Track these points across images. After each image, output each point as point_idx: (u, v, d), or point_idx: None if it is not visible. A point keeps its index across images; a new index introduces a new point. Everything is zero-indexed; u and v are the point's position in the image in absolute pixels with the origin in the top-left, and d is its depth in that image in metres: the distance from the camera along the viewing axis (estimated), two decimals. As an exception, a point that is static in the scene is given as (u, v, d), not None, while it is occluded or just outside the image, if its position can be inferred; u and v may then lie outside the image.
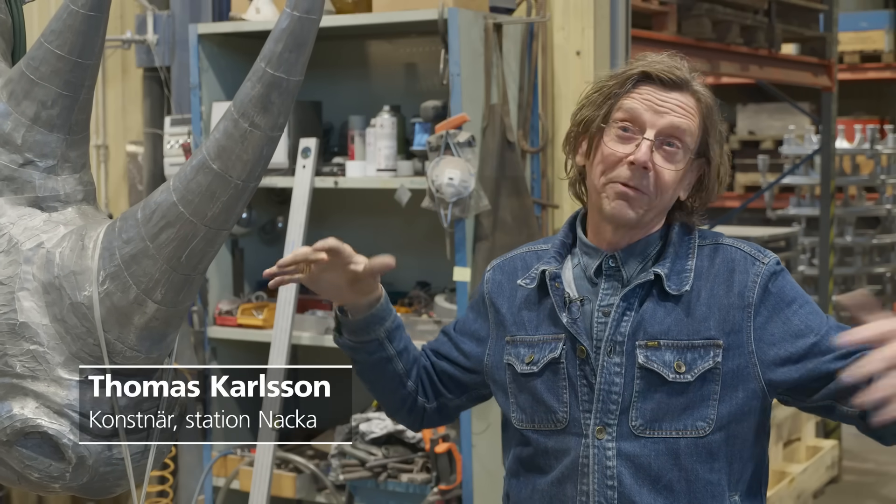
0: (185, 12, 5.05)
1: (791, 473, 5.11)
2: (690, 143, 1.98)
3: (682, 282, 1.98)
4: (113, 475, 1.77)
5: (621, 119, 1.98)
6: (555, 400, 2.01)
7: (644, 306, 1.98)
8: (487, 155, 3.98)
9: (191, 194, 1.67)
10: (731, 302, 1.97)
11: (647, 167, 1.95)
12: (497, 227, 3.97)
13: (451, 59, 3.93)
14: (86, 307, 1.70)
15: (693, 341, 1.95)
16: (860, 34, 9.53)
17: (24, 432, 1.72)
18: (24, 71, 1.75)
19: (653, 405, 1.95)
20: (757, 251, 2.03)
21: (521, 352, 2.07)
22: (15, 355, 1.72)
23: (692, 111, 1.99)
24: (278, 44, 1.67)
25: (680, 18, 5.23)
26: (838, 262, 7.68)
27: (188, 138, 4.64)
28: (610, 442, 1.96)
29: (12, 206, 1.77)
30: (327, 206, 4.63)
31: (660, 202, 1.99)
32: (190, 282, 1.72)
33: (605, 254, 2.02)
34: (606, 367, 1.97)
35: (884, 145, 7.99)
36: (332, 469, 4.21)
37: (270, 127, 1.67)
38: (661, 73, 1.98)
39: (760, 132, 9.68)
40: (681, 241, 2.04)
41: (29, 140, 1.76)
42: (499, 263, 2.18)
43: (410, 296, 4.33)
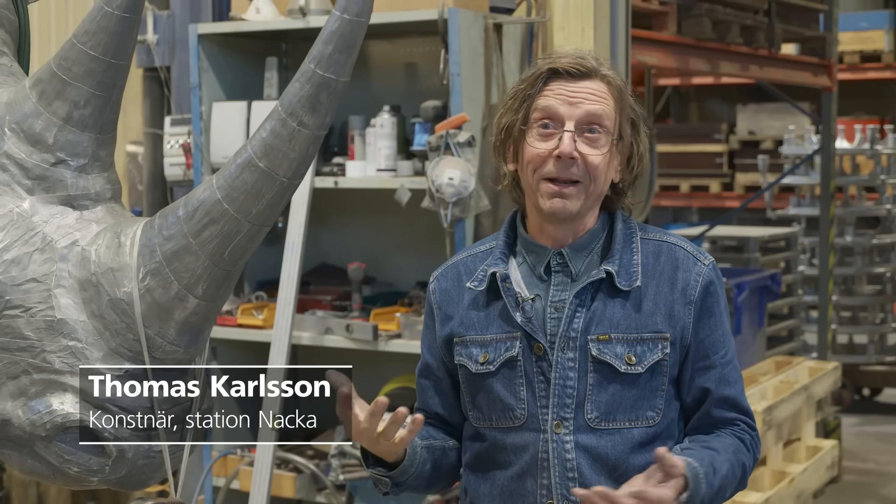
0: (185, 12, 5.05)
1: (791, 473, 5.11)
2: (610, 125, 2.05)
3: (632, 277, 2.07)
4: (149, 468, 1.80)
5: (540, 118, 2.06)
6: (512, 397, 2.07)
7: (595, 302, 2.06)
8: (487, 155, 3.98)
9: (236, 192, 1.71)
10: (676, 298, 2.08)
11: (573, 157, 2.02)
12: (497, 227, 3.97)
13: (451, 59, 3.93)
14: (125, 303, 1.73)
15: (642, 334, 2.05)
16: (860, 34, 9.53)
17: (65, 427, 1.75)
18: (56, 71, 1.77)
19: (607, 397, 2.04)
20: (698, 251, 2.14)
21: (473, 352, 2.11)
22: (53, 351, 1.74)
23: (605, 95, 2.06)
24: (328, 45, 1.70)
25: (680, 18, 5.23)
26: (838, 262, 7.67)
27: (188, 138, 4.64)
28: (568, 435, 2.04)
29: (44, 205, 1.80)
30: (327, 206, 4.62)
31: (595, 188, 2.06)
32: (230, 277, 1.77)
33: (552, 251, 2.09)
34: (561, 362, 2.05)
35: (884, 145, 7.98)
36: (332, 469, 4.21)
37: (318, 126, 1.71)
38: (567, 67, 2.06)
39: (760, 132, 9.68)
40: (624, 234, 2.12)
41: (61, 139, 1.78)
42: (441, 273, 2.22)
43: (410, 296, 4.33)
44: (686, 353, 2.08)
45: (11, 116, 1.80)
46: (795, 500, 5.11)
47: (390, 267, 4.62)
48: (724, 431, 2.09)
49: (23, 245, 1.77)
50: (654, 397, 2.06)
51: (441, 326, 2.17)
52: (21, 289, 1.75)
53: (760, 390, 4.99)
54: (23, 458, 1.82)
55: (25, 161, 1.79)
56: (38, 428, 1.75)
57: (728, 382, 2.10)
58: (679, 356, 2.08)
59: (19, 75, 1.96)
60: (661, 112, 10.63)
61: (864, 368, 7.88)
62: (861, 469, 6.59)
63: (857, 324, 7.88)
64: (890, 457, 6.80)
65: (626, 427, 2.04)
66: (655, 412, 2.06)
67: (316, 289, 4.43)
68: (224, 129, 4.41)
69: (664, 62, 5.11)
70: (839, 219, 7.61)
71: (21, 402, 1.76)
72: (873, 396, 8.24)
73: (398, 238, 4.59)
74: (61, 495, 5.19)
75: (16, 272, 1.76)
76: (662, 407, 2.07)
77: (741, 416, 2.11)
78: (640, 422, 2.05)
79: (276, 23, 4.35)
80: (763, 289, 6.13)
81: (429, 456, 2.15)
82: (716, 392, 2.09)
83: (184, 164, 4.72)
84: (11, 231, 1.78)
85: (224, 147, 4.41)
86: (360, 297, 4.33)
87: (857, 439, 7.12)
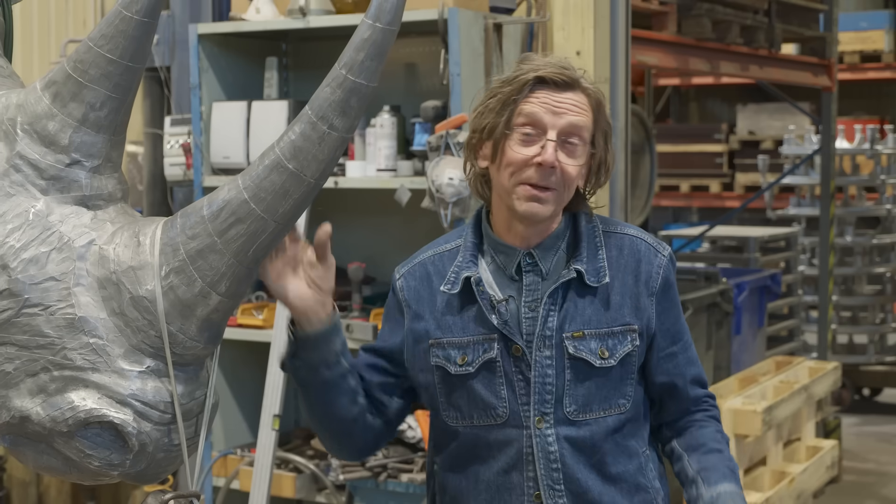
0: (185, 12, 5.05)
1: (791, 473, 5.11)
2: (587, 136, 2.13)
3: (600, 273, 2.15)
4: (166, 460, 1.83)
5: (523, 123, 2.10)
6: (493, 397, 2.14)
7: (567, 301, 2.14)
8: (487, 155, 3.98)
9: (263, 192, 1.75)
10: (640, 290, 2.17)
11: (553, 166, 2.08)
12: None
13: (451, 59, 3.93)
14: (148, 301, 1.76)
15: (612, 328, 2.14)
16: (860, 34, 9.54)
17: (88, 422, 1.77)
18: (72, 74, 1.79)
19: (583, 391, 2.13)
20: (657, 243, 2.23)
21: (450, 354, 2.16)
22: (74, 349, 1.77)
23: (585, 108, 2.12)
24: (360, 52, 1.75)
25: (680, 18, 5.23)
26: (838, 262, 7.68)
27: (188, 138, 4.64)
28: (549, 429, 2.12)
29: (59, 205, 1.82)
30: (327, 206, 4.61)
31: (567, 195, 2.14)
32: (251, 275, 1.81)
33: (521, 252, 2.15)
34: (539, 360, 2.12)
35: (884, 145, 7.99)
36: (332, 469, 4.21)
37: (347, 129, 1.77)
38: (554, 76, 2.11)
39: (760, 132, 9.69)
40: (588, 231, 2.19)
41: (76, 141, 1.81)
42: (408, 270, 2.27)
43: (410, 296, 4.33)
44: (651, 340, 2.19)
45: (23, 118, 1.82)
46: (795, 500, 5.11)
47: (390, 267, 4.58)
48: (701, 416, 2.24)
49: (40, 244, 1.79)
50: (624, 386, 2.16)
51: (411, 322, 2.21)
52: (40, 287, 1.78)
53: (760, 390, 4.99)
54: (38, 454, 1.84)
55: (39, 162, 1.81)
56: (60, 424, 1.78)
57: (692, 362, 2.24)
58: (645, 345, 2.18)
59: (15, 77, 1.98)
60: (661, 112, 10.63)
61: (864, 368, 7.88)
62: (861, 469, 6.59)
63: (857, 324, 7.88)
64: (890, 457, 6.80)
65: (602, 416, 2.14)
66: (626, 399, 2.16)
67: (316, 289, 4.43)
68: (224, 129, 4.41)
69: (664, 62, 5.11)
70: (839, 219, 7.61)
71: (41, 399, 1.79)
72: (873, 396, 8.24)
73: (398, 238, 4.59)
74: (61, 495, 5.19)
75: (34, 271, 1.78)
76: (632, 394, 2.17)
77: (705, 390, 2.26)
78: (614, 410, 2.15)
79: (276, 23, 4.35)
80: (763, 289, 6.13)
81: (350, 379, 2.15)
82: (687, 373, 2.22)
83: (184, 164, 4.72)
84: (28, 231, 1.80)
85: (224, 147, 4.41)
86: (359, 297, 4.33)
87: (857, 439, 7.12)
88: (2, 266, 1.78)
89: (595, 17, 4.18)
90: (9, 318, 1.78)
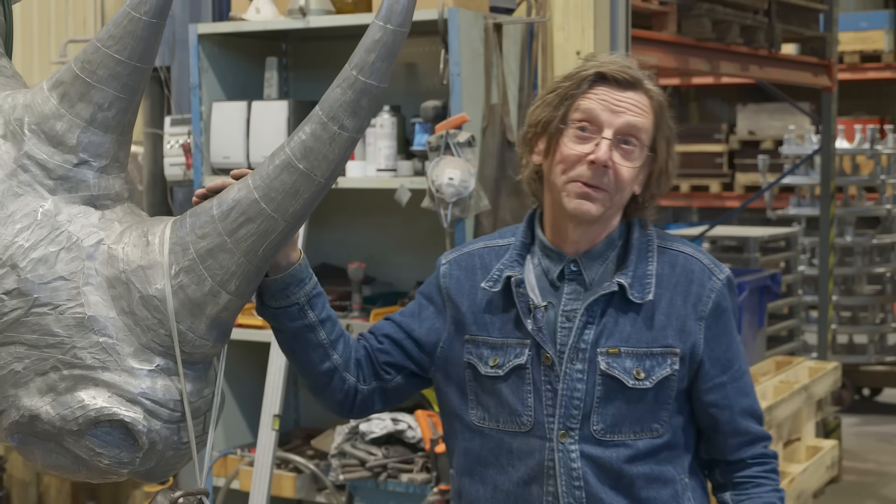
0: (185, 12, 5.05)
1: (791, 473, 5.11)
2: (646, 139, 2.06)
3: (645, 289, 2.06)
4: (175, 458, 1.84)
5: (579, 119, 2.04)
6: (519, 403, 2.08)
7: (606, 315, 2.06)
8: (487, 155, 3.98)
9: (274, 192, 1.76)
10: (688, 312, 2.08)
11: (607, 165, 2.02)
12: (497, 227, 3.97)
13: (451, 59, 3.93)
14: (158, 300, 1.77)
15: (652, 349, 2.05)
16: (860, 34, 9.53)
17: (98, 421, 1.77)
18: (80, 74, 1.80)
19: (613, 410, 2.04)
20: (714, 265, 2.13)
21: (483, 353, 2.11)
22: (84, 348, 1.77)
23: (646, 109, 2.06)
24: (370, 54, 1.76)
25: (680, 18, 5.23)
26: (838, 262, 7.68)
27: (188, 138, 4.64)
28: (573, 445, 2.05)
29: (67, 205, 1.82)
30: (327, 206, 4.62)
31: (620, 198, 2.06)
32: (260, 273, 1.83)
33: (567, 258, 2.09)
34: (569, 373, 2.05)
35: (884, 145, 7.99)
36: (332, 469, 4.21)
37: (357, 129, 1.78)
38: (615, 73, 2.05)
39: (760, 132, 9.68)
40: (641, 242, 2.11)
41: (84, 141, 1.81)
42: (455, 258, 2.21)
43: (410, 296, 4.33)
44: (698, 367, 2.08)
45: (31, 118, 1.82)
46: (795, 500, 5.11)
47: (390, 267, 4.62)
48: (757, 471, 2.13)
49: (49, 244, 1.80)
50: (659, 410, 2.07)
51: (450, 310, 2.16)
52: (49, 287, 1.78)
53: (760, 390, 4.99)
54: (47, 453, 1.85)
55: (47, 162, 1.82)
56: (70, 422, 1.78)
57: (744, 393, 2.12)
58: (689, 370, 2.08)
59: (18, 77, 1.99)
60: (661, 112, 10.61)
61: (864, 368, 7.88)
62: (861, 469, 6.59)
63: (857, 324, 7.88)
64: (890, 457, 6.80)
65: (631, 439, 2.05)
66: (661, 424, 2.07)
67: (316, 289, 4.42)
68: (224, 129, 4.41)
69: (664, 62, 5.11)
70: (839, 219, 7.61)
71: (50, 398, 1.79)
72: (873, 396, 8.24)
73: (398, 238, 4.59)
74: (61, 495, 5.19)
75: (43, 270, 1.79)
76: (668, 419, 2.07)
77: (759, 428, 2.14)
78: (646, 433, 2.06)
79: (276, 23, 4.35)
80: (763, 289, 6.13)
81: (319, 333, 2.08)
82: (736, 405, 2.11)
83: (184, 164, 4.72)
84: (37, 230, 1.80)
85: (224, 147, 4.41)
86: (360, 297, 4.33)
87: (857, 439, 7.12)
88: (11, 266, 1.79)
89: (595, 17, 4.18)
90: (18, 317, 1.78)
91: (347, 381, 2.15)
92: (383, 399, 2.22)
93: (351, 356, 2.16)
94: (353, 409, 2.21)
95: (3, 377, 1.80)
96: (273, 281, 2.02)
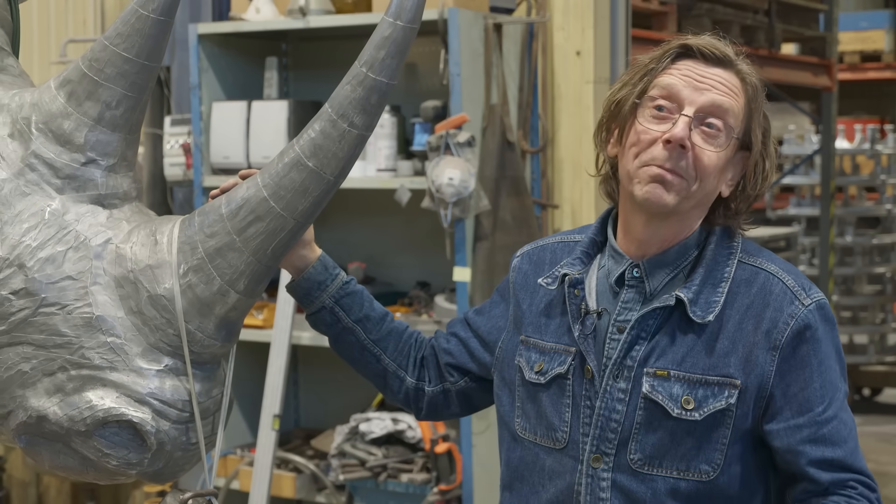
0: (185, 12, 5.05)
1: (791, 473, 5.10)
2: (734, 124, 1.80)
3: (709, 308, 1.80)
4: (183, 459, 1.83)
5: (658, 96, 1.80)
6: (557, 417, 1.88)
7: (661, 332, 1.82)
8: (487, 155, 3.98)
9: (283, 190, 1.75)
10: (758, 340, 1.79)
11: (684, 146, 1.77)
12: (497, 227, 3.97)
13: (451, 59, 3.93)
14: (166, 299, 1.76)
15: (707, 377, 1.78)
16: (860, 34, 9.53)
17: (106, 421, 1.76)
18: (87, 72, 1.79)
19: (654, 440, 1.80)
20: (801, 288, 1.82)
21: (532, 357, 1.92)
22: (92, 348, 1.76)
23: (736, 90, 1.81)
24: (380, 50, 1.74)
25: (680, 18, 5.24)
26: (838, 262, 7.68)
27: (188, 138, 4.64)
28: (605, 472, 1.82)
29: (75, 204, 1.81)
30: (327, 206, 4.59)
31: (699, 190, 1.80)
32: (269, 273, 1.81)
33: (630, 262, 1.86)
34: (610, 391, 1.82)
35: (884, 145, 7.99)
36: (332, 469, 4.21)
37: (366, 127, 1.76)
38: (702, 48, 1.81)
39: (760, 132, 9.68)
40: (718, 254, 1.85)
41: (91, 140, 1.80)
42: (528, 251, 2.04)
43: (410, 296, 4.33)
44: (767, 406, 1.79)
45: (38, 116, 1.82)
46: (795, 500, 5.10)
47: (390, 267, 4.62)
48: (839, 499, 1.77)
49: (56, 243, 1.79)
50: (711, 450, 1.79)
51: (515, 308, 2.00)
52: (56, 286, 1.77)
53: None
54: (55, 454, 1.84)
55: (55, 161, 1.81)
56: (78, 423, 1.77)
57: (830, 442, 1.78)
58: (754, 407, 1.79)
59: (25, 76, 1.98)
60: (661, 112, 10.62)
61: (864, 368, 7.88)
62: (861, 469, 6.58)
63: (857, 324, 7.88)
64: (890, 457, 6.80)
65: (674, 477, 1.79)
66: (712, 466, 1.79)
67: (316, 289, 4.42)
68: (224, 129, 4.41)
69: (664, 62, 5.10)
70: (839, 219, 7.61)
71: (58, 399, 1.78)
72: (873, 396, 8.24)
73: (398, 238, 4.59)
74: (61, 495, 5.19)
75: (51, 270, 1.78)
76: (721, 462, 1.79)
77: (856, 475, 1.78)
78: (692, 474, 1.79)
79: (276, 23, 4.35)
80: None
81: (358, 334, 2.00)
82: (811, 454, 1.78)
83: (184, 164, 4.72)
84: (44, 230, 1.79)
85: (224, 147, 4.41)
86: (360, 297, 4.32)
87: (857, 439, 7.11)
88: (18, 265, 1.78)
89: (595, 17, 4.19)
90: (26, 317, 1.77)
91: (405, 381, 2.05)
92: (455, 402, 2.08)
93: (409, 355, 2.06)
94: (423, 411, 2.08)
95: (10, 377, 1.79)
96: (295, 289, 2.01)
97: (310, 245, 2.00)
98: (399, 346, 2.06)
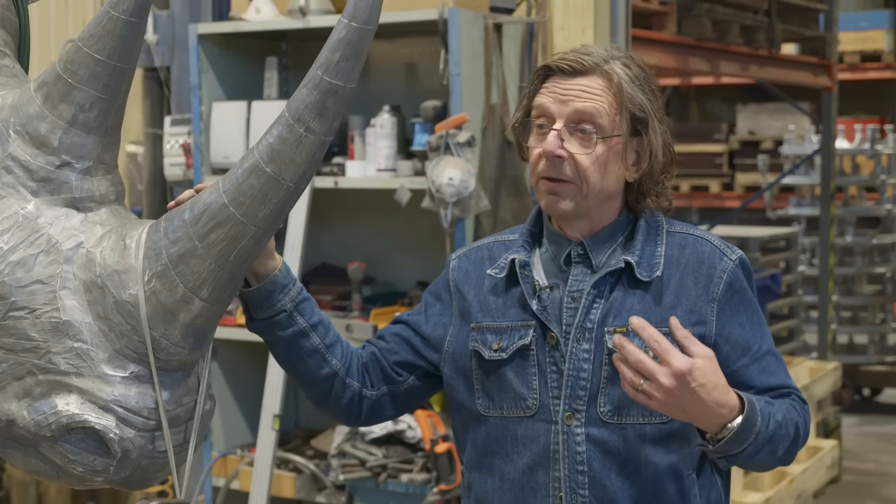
0: (185, 12, 5.05)
1: (791, 473, 5.11)
2: (605, 123, 2.00)
3: (653, 268, 2.02)
4: (152, 468, 1.80)
5: (535, 116, 2.04)
6: (524, 387, 2.04)
7: (614, 293, 2.02)
8: (487, 155, 3.98)
9: (242, 196, 1.72)
10: (698, 293, 2.02)
11: (559, 156, 1.99)
12: (497, 227, 3.97)
13: (451, 59, 3.93)
14: (131, 305, 1.74)
15: (660, 328, 1.91)
16: (860, 34, 9.53)
17: (70, 427, 1.75)
18: (62, 74, 1.78)
19: (620, 392, 1.94)
20: (725, 246, 2.07)
21: (487, 338, 2.08)
22: (58, 353, 1.75)
23: (601, 91, 2.00)
24: (335, 53, 1.71)
25: (680, 18, 5.24)
26: (838, 262, 7.68)
27: (188, 138, 4.64)
28: (579, 427, 2.00)
29: (49, 207, 1.80)
30: (327, 206, 4.63)
31: (591, 188, 2.01)
32: (235, 280, 1.78)
33: (573, 242, 2.06)
34: (575, 353, 2.01)
35: (884, 145, 7.99)
36: (332, 469, 4.21)
37: (324, 132, 1.73)
38: (560, 64, 2.03)
39: (760, 132, 9.68)
40: (648, 228, 2.07)
41: (66, 142, 1.79)
42: (465, 252, 2.20)
43: (410, 296, 4.33)
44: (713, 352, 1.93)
45: (16, 119, 1.81)
46: (795, 500, 5.11)
47: (390, 267, 4.62)
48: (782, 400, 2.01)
49: (28, 247, 1.77)
50: None
51: (459, 302, 2.14)
52: (26, 290, 1.76)
53: (760, 390, 4.98)
54: (27, 458, 1.82)
55: (30, 163, 1.79)
56: (44, 428, 1.76)
57: (769, 373, 2.02)
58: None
59: (21, 77, 1.97)
60: (661, 112, 10.61)
61: (864, 368, 7.89)
62: (861, 469, 6.59)
63: (857, 324, 7.89)
64: (890, 457, 6.80)
65: (640, 423, 1.98)
66: None
67: (316, 289, 4.43)
68: (224, 129, 4.41)
69: (664, 62, 5.11)
70: (839, 219, 7.61)
71: (26, 403, 1.77)
72: (873, 396, 8.24)
73: (398, 238, 4.59)
74: (61, 495, 5.19)
75: (21, 274, 1.76)
76: None
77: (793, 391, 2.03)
78: (654, 418, 1.98)
79: (276, 23, 4.35)
80: (763, 289, 6.13)
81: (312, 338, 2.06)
82: (758, 383, 2.01)
83: (184, 164, 4.72)
84: (17, 233, 1.78)
85: (224, 147, 4.41)
86: (359, 297, 4.33)
87: (857, 439, 7.12)
88: None
89: (595, 17, 4.18)
90: None
91: (351, 386, 2.13)
92: (394, 404, 2.19)
93: (352, 361, 2.13)
94: (361, 417, 2.17)
95: None
96: (255, 291, 2.00)
97: (272, 254, 2.01)
98: (344, 352, 2.13)
